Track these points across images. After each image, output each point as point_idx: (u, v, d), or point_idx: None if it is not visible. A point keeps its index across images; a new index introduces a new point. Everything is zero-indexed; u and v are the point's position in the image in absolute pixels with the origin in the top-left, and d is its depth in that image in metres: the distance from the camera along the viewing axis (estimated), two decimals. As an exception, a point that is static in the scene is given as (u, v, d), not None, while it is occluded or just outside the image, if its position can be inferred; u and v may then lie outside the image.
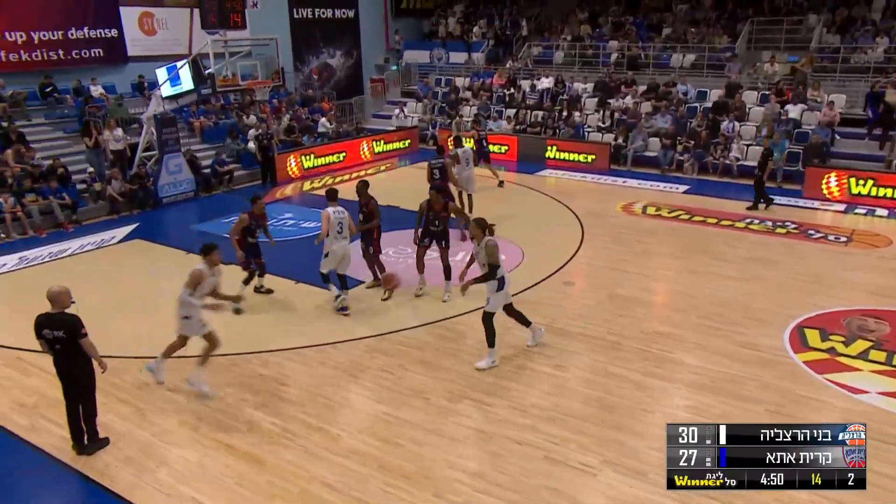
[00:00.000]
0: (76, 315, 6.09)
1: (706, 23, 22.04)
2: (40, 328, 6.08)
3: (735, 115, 17.98)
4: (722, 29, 21.43)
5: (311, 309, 9.64)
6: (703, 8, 22.96)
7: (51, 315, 6.07)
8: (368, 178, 17.94)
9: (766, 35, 20.83)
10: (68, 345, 6.05)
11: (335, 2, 24.86)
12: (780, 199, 14.95)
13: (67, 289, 6.14)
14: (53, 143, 16.33)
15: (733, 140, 17.32)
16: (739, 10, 22.00)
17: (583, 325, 8.85)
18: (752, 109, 18.42)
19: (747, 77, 19.86)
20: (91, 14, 18.00)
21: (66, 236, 13.27)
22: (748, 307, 9.28)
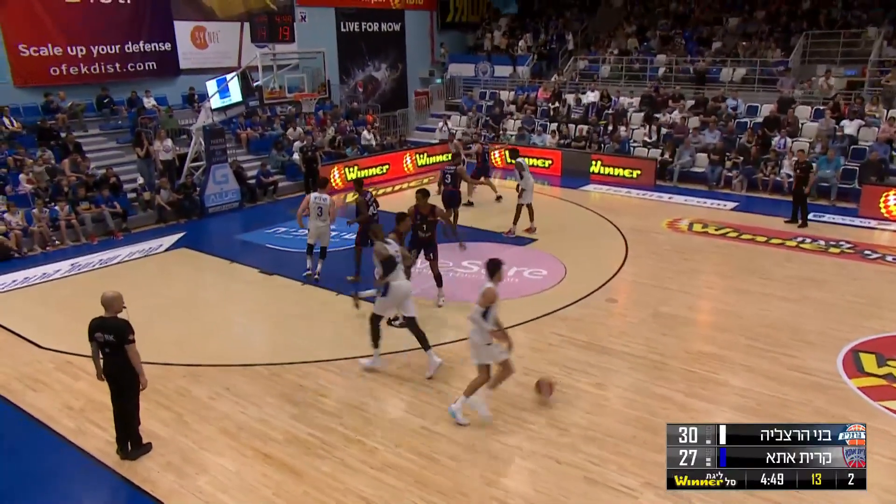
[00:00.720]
0: (127, 321, 6.27)
1: (758, 36, 21.62)
2: (93, 331, 6.29)
3: (787, 130, 17.55)
4: (775, 42, 20.99)
5: (351, 320, 9.69)
6: (756, 21, 22.53)
7: (104, 319, 6.26)
8: (411, 189, 18.18)
9: (822, 48, 20.31)
10: (117, 349, 6.23)
11: (382, 15, 25.24)
12: (835, 217, 14.54)
13: (120, 294, 6.34)
14: (107, 153, 16.94)
15: (785, 156, 16.89)
16: (793, 24, 21.51)
17: (625, 343, 8.71)
18: (806, 125, 17.95)
19: (801, 92, 19.39)
20: (147, 29, 18.67)
21: (116, 244, 13.70)
22: (798, 329, 9.00)
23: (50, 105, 16.81)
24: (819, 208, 15.14)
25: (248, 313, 10.13)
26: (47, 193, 14.18)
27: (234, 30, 20.58)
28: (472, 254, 12.19)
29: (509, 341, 6.93)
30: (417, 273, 11.27)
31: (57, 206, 13.77)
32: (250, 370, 8.21)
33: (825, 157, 16.05)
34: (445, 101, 26.06)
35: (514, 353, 8.40)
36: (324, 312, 10.01)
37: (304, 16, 22.39)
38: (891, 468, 6.15)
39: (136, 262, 12.61)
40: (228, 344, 9.00)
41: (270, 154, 18.43)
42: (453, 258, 11.87)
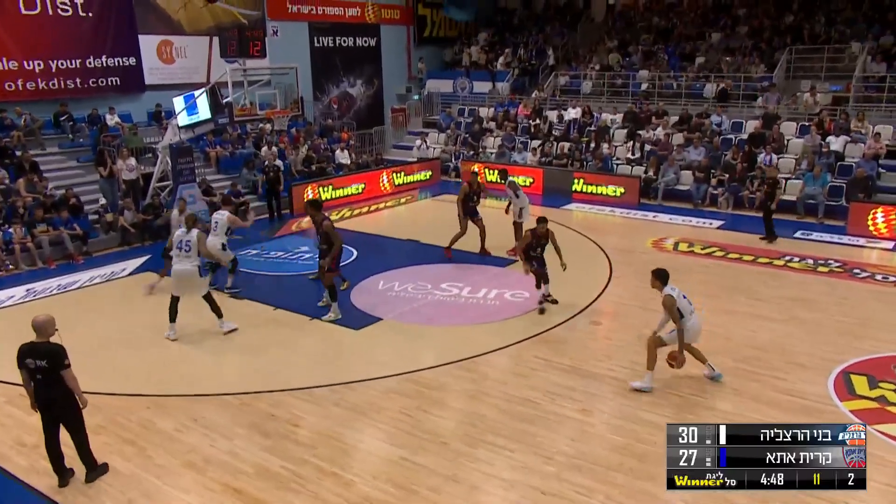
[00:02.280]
0: (60, 345, 6.21)
1: (741, 52, 22.13)
2: (23, 357, 6.21)
3: (773, 147, 17.90)
4: (758, 58, 21.48)
5: (325, 347, 9.66)
6: (739, 36, 23.07)
7: (35, 344, 6.20)
8: (388, 210, 18.24)
9: (806, 64, 20.84)
10: (49, 375, 6.15)
11: (357, 30, 25.44)
12: (823, 235, 14.81)
13: (52, 318, 6.30)
14: (67, 172, 16.75)
15: (771, 173, 17.22)
16: (777, 39, 22.06)
17: (610, 366, 8.75)
18: (791, 141, 18.34)
19: (785, 108, 19.83)
20: (110, 42, 18.54)
21: (75, 268, 13.50)
22: (788, 351, 9.12)
23: (4, 122, 16.60)
24: (807, 226, 15.45)
25: (217, 339, 10.01)
26: (0, 215, 13.97)
27: (203, 44, 20.59)
28: (453, 275, 12.24)
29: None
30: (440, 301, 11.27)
31: (11, 229, 13.55)
32: (219, 399, 8.11)
33: (811, 173, 16.39)
34: (423, 118, 26.25)
35: (495, 379, 8.46)
36: (296, 338, 9.93)
37: (276, 30, 22.49)
38: (886, 494, 6.22)
39: (97, 287, 12.43)
40: (196, 372, 8.89)
41: (241, 173, 18.37)
42: (432, 280, 11.90)
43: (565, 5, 28.88)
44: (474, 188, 13.35)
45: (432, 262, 13.13)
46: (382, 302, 11.08)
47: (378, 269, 12.62)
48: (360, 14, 25.42)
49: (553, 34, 27.30)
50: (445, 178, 21.80)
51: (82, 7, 17.82)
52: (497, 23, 29.33)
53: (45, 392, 6.25)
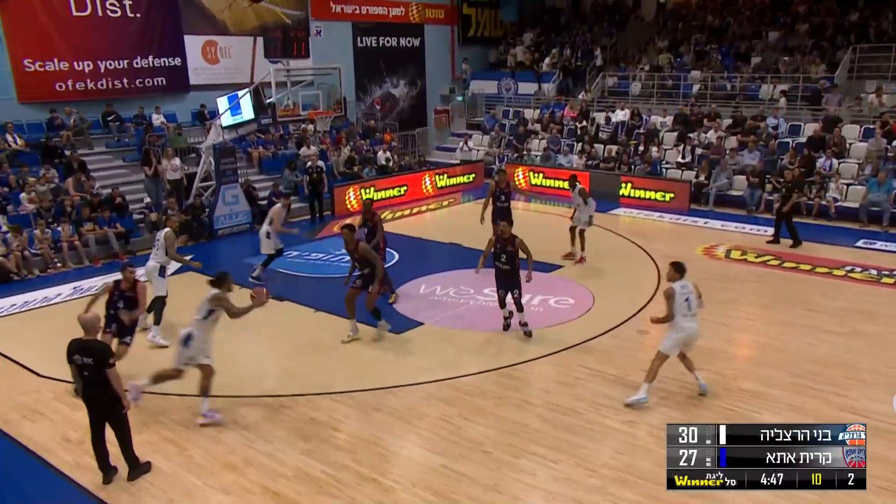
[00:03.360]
0: (107, 344, 6.41)
1: (801, 51, 21.60)
2: (72, 353, 6.44)
3: (833, 151, 17.43)
4: (819, 57, 20.94)
5: (366, 350, 9.73)
6: (798, 35, 22.51)
7: (83, 341, 6.41)
8: (430, 212, 18.30)
9: (871, 63, 20.22)
10: (95, 372, 6.35)
11: (400, 30, 25.63)
12: (888, 244, 14.35)
13: (99, 316, 6.56)
14: (113, 171, 17.27)
15: (831, 179, 16.77)
16: (840, 37, 21.46)
17: (658, 377, 8.60)
18: (854, 145, 17.83)
19: (848, 110, 19.28)
20: (156, 43, 19.09)
21: (119, 266, 13.80)
22: (849, 366, 8.85)
23: (54, 122, 17.20)
24: (870, 235, 15.00)
25: (258, 341, 10.18)
26: (50, 214, 14.46)
27: (247, 44, 20.99)
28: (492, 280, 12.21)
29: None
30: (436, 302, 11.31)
31: (59, 228, 14.01)
32: (260, 401, 8.24)
33: (876, 179, 15.90)
34: (466, 120, 26.28)
35: (539, 388, 8.41)
36: (337, 341, 10.01)
37: (320, 30, 22.80)
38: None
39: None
40: (236, 373, 9.02)
41: (283, 174, 18.65)
42: (474, 285, 11.89)
43: (614, 4, 28.60)
44: (501, 186, 13.04)
45: (474, 267, 13.10)
46: (424, 306, 11.12)
47: (420, 273, 12.68)
48: (404, 14, 25.62)
49: (601, 33, 27.07)
50: (489, 180, 21.74)
51: (131, 8, 18.38)
52: (543, 22, 29.21)
53: (90, 389, 6.46)
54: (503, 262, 9.46)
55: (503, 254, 9.42)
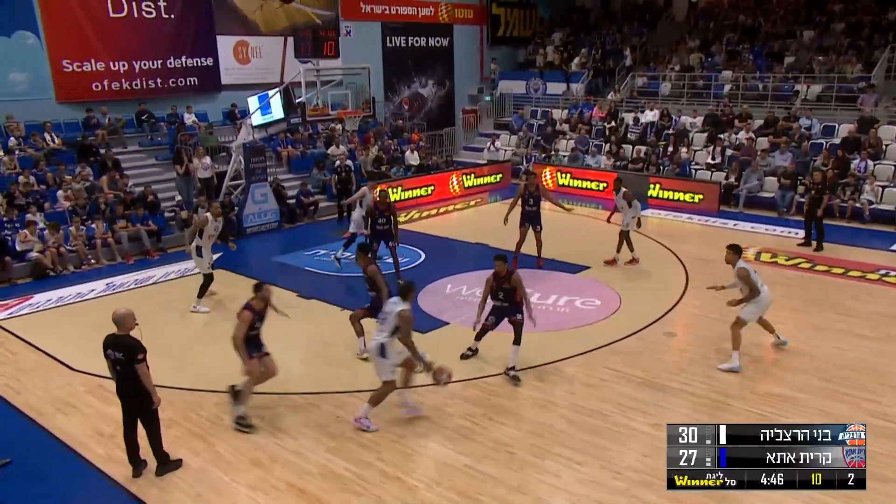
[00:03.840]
0: (137, 340, 6.52)
1: (836, 50, 21.19)
2: (106, 348, 6.58)
3: (869, 152, 17.08)
4: (855, 57, 20.53)
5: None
6: (834, 34, 22.09)
7: (117, 336, 6.54)
8: (457, 212, 18.31)
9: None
10: (126, 368, 6.47)
11: (429, 30, 25.70)
12: (923, 249, 14.05)
13: (132, 312, 6.62)
14: (146, 170, 17.57)
15: (866, 181, 16.44)
16: (877, 37, 21.01)
17: (685, 380, 8.54)
18: (891, 146, 17.46)
19: (885, 111, 18.87)
20: (189, 43, 19.38)
21: (151, 263, 14.12)
22: (883, 371, 8.68)
23: (90, 121, 17.54)
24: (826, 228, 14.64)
25: (285, 339, 10.23)
26: (84, 211, 14.76)
27: (278, 45, 21.21)
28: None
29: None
30: (461, 301, 11.32)
31: (94, 225, 14.30)
32: (285, 399, 8.33)
33: (912, 181, 15.58)
34: (494, 120, 26.26)
35: (564, 389, 8.38)
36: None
37: (350, 30, 22.95)
38: None
39: (171, 283, 12.97)
40: (263, 371, 9.12)
41: (311, 173, 18.81)
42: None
43: (645, 3, 28.35)
44: (531, 189, 12.78)
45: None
46: (450, 306, 11.14)
47: (446, 273, 12.70)
48: (434, 14, 25.67)
49: (631, 33, 26.85)
50: (516, 181, 21.70)
51: (165, 9, 18.68)
52: (573, 22, 29.05)
53: (122, 384, 6.59)
54: (501, 300, 8.75)
55: (500, 291, 8.71)
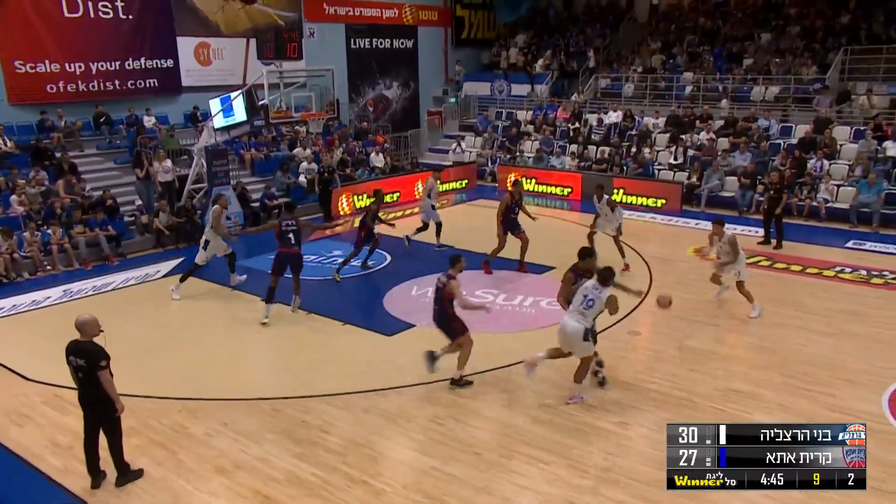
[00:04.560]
0: (101, 347, 6.38)
1: (792, 53, 21.69)
2: (68, 354, 6.44)
3: (824, 152, 17.50)
4: (810, 59, 21.03)
5: (357, 353, 9.71)
6: (790, 37, 22.60)
7: (79, 343, 6.41)
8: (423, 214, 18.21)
9: (862, 65, 20.31)
10: (88, 374, 6.34)
11: (394, 32, 25.64)
12: (877, 245, 14.43)
13: (95, 318, 6.48)
14: (105, 173, 17.21)
15: (821, 180, 16.84)
16: (831, 39, 21.55)
17: (649, 379, 8.64)
18: (845, 147, 17.91)
19: (839, 112, 19.36)
20: (148, 44, 19.04)
21: (110, 269, 13.83)
22: (839, 366, 8.89)
23: (45, 124, 17.13)
24: (860, 235, 15.09)
25: (249, 344, 10.16)
26: (39, 216, 14.39)
27: (240, 46, 20.97)
28: (488, 282, 12.23)
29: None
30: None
31: (49, 230, 13.95)
32: (250, 404, 8.22)
33: (866, 180, 15.98)
34: (459, 121, 26.30)
35: (531, 389, 8.42)
36: (328, 343, 10.02)
37: (313, 32, 22.80)
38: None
39: (131, 289, 12.72)
40: (228, 377, 9.01)
41: (275, 176, 18.61)
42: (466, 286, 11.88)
43: (607, 5, 28.67)
44: (516, 199, 12.79)
45: (467, 269, 13.09)
46: (416, 308, 11.10)
47: (411, 275, 12.67)
48: (398, 15, 25.62)
49: (594, 35, 27.14)
50: (482, 182, 21.79)
51: (123, 10, 18.33)
52: (536, 24, 29.26)
53: (84, 391, 6.45)
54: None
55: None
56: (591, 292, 7.83)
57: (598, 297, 7.77)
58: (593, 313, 7.83)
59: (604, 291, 7.79)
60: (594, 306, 7.78)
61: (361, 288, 12.45)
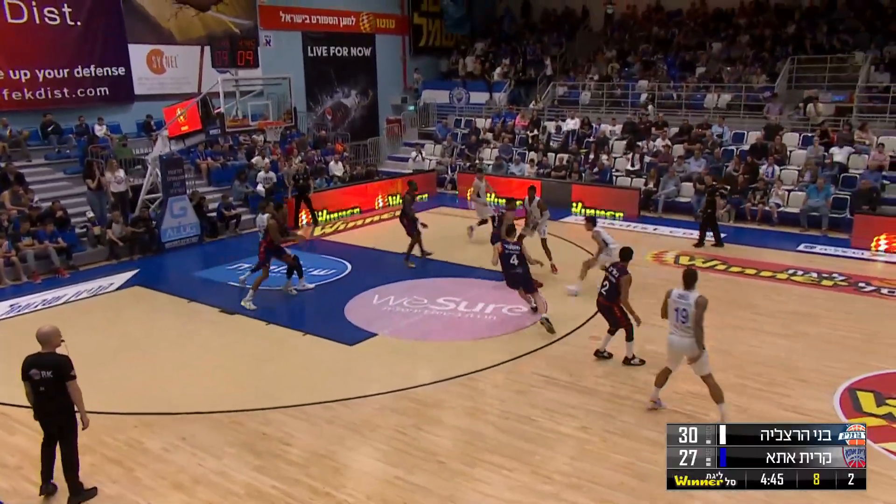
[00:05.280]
0: (67, 356, 6.25)
1: (742, 61, 22.29)
2: (28, 368, 6.25)
3: (775, 158, 18.00)
4: (760, 68, 21.64)
5: (318, 363, 9.63)
6: (740, 46, 23.22)
7: (41, 355, 6.25)
8: (382, 222, 18.24)
9: (809, 74, 20.98)
10: (54, 387, 6.18)
11: (351, 40, 25.59)
12: (827, 248, 14.86)
13: (57, 328, 6.35)
14: (54, 184, 16.74)
15: (773, 185, 17.31)
16: (779, 48, 22.22)
17: (610, 383, 8.75)
18: (794, 152, 18.45)
19: (788, 118, 19.95)
20: (98, 52, 18.63)
21: (61, 283, 13.46)
22: (792, 366, 9.13)
23: (-11, 133, 16.63)
24: (810, 239, 15.52)
25: (208, 356, 9.99)
26: (-15, 229, 13.95)
27: (194, 54, 20.69)
28: (449, 289, 12.25)
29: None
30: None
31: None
32: (209, 418, 8.07)
33: (815, 185, 16.47)
34: (419, 130, 26.36)
35: (494, 396, 8.45)
36: (289, 354, 9.91)
37: (269, 39, 22.62)
38: (892, 513, 6.20)
39: (83, 303, 12.39)
40: (185, 390, 8.84)
41: (233, 185, 18.38)
42: (428, 295, 11.91)
43: (563, 14, 29.06)
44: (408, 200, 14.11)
45: (428, 277, 13.15)
46: (377, 317, 11.08)
47: (372, 284, 12.63)
48: (355, 23, 25.59)
49: (550, 43, 27.46)
50: (442, 190, 21.84)
51: (70, 16, 17.93)
52: (494, 32, 29.52)
53: (48, 404, 6.29)
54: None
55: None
56: (679, 302, 7.47)
57: (687, 304, 7.35)
58: (694, 322, 7.29)
59: (690, 296, 7.37)
60: (689, 314, 7.31)
61: (322, 297, 12.34)
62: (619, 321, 9.20)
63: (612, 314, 9.22)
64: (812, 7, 23.21)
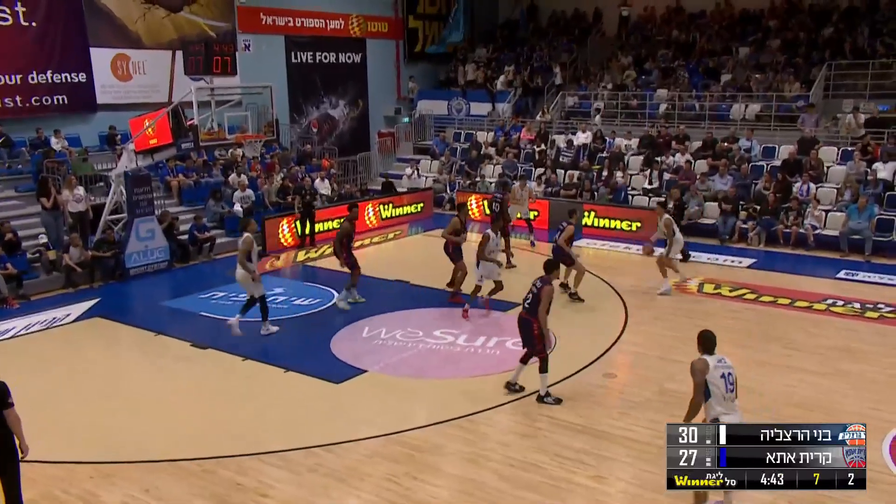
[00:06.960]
0: (3, 382, 6.26)
1: (773, 68, 22.45)
2: None
3: (810, 175, 18.06)
4: (793, 75, 21.80)
5: (301, 403, 9.60)
6: (770, 51, 23.39)
7: None
8: (374, 246, 18.31)
9: (848, 81, 21.09)
10: None
11: (340, 45, 25.82)
12: (870, 275, 14.87)
13: None
14: (4, 203, 16.71)
15: (808, 205, 17.35)
16: (814, 54, 22.35)
17: (627, 426, 8.71)
18: (832, 168, 18.52)
19: (825, 130, 20.03)
20: (56, 56, 18.70)
21: (11, 314, 13.41)
22: (833, 409, 9.09)
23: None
24: (852, 265, 15.51)
25: (176, 396, 9.94)
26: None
27: (165, 59, 20.86)
28: (447, 321, 12.25)
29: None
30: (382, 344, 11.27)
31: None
32: (176, 466, 8.02)
33: (856, 205, 16.45)
34: (414, 144, 26.51)
35: (497, 441, 8.40)
36: (268, 393, 9.87)
37: (248, 44, 22.82)
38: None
39: (35, 336, 12.36)
40: (150, 435, 8.79)
41: (206, 205, 18.42)
42: (423, 327, 11.90)
43: (573, 17, 29.35)
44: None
45: (424, 307, 13.14)
46: (367, 351, 11.06)
47: (362, 315, 12.63)
48: (344, 27, 25.84)
49: (560, 49, 27.68)
50: (439, 210, 21.92)
51: (24, 16, 17.96)
52: (497, 38, 29.78)
53: None
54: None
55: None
56: (724, 368, 6.66)
57: (731, 368, 6.69)
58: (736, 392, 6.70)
59: (725, 360, 6.73)
60: (734, 380, 6.67)
61: (306, 329, 12.32)
62: (534, 343, 9.19)
63: (530, 332, 9.20)
64: (851, 7, 23.35)
